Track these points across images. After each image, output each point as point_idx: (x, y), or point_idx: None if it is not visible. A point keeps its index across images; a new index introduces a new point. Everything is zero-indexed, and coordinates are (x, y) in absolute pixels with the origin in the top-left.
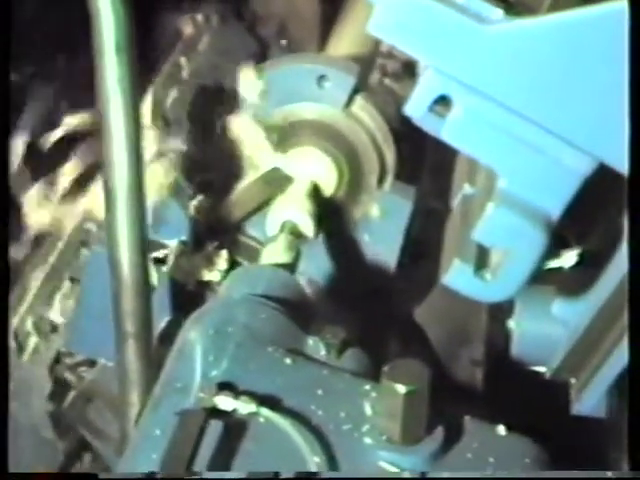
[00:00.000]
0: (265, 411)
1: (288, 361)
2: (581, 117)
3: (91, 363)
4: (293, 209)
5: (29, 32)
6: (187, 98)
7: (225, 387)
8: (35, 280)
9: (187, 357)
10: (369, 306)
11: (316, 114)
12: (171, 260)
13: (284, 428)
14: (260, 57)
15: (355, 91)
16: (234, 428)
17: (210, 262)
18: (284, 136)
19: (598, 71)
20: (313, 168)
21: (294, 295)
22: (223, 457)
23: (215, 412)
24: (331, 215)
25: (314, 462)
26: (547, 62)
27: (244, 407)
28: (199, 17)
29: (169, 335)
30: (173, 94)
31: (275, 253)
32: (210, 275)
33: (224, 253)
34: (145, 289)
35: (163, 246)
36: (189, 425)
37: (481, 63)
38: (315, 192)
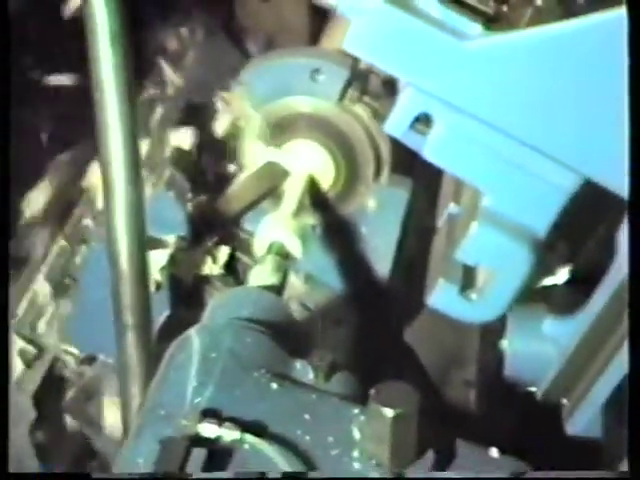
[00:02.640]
0: (250, 438)
1: (274, 386)
2: (564, 133)
3: (90, 360)
4: (280, 230)
5: None
6: (173, 115)
7: (209, 414)
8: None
9: (170, 383)
10: (360, 326)
11: (310, 107)
12: (170, 255)
13: (270, 455)
14: None
15: (349, 84)
16: (218, 456)
17: (209, 257)
18: (279, 130)
19: (579, 85)
20: (309, 161)
21: (281, 318)
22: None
23: (198, 440)
24: (328, 208)
25: None
26: (527, 77)
27: (228, 434)
28: (184, 31)
29: (168, 330)
30: (159, 111)
31: (262, 275)
32: (209, 270)
33: (224, 248)
34: (144, 281)
35: (161, 242)
36: (172, 453)
37: (461, 80)
38: (312, 185)
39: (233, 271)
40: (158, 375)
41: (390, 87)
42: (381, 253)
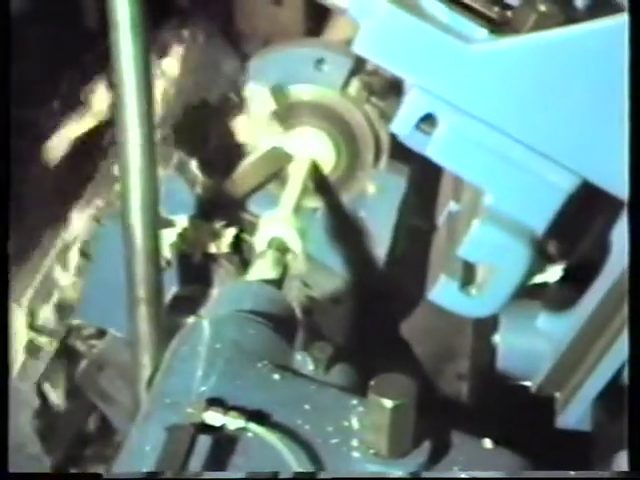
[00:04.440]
0: (253, 426)
1: (276, 376)
2: (565, 135)
3: (100, 334)
4: (280, 226)
5: None
6: (174, 112)
7: (214, 402)
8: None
9: (176, 373)
10: (356, 311)
11: (314, 95)
12: (179, 234)
13: (272, 443)
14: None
15: (352, 74)
16: (223, 443)
17: (216, 236)
18: (284, 116)
19: (580, 89)
20: (312, 147)
21: (282, 311)
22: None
23: (204, 427)
24: (329, 192)
25: None
26: (530, 81)
27: (233, 422)
28: (185, 34)
29: (178, 304)
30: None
31: (263, 269)
32: (215, 249)
33: (230, 228)
34: (156, 257)
35: (171, 222)
36: (178, 440)
37: (466, 82)
38: (314, 170)
39: (238, 250)
40: (164, 365)
41: (396, 88)
42: (379, 236)
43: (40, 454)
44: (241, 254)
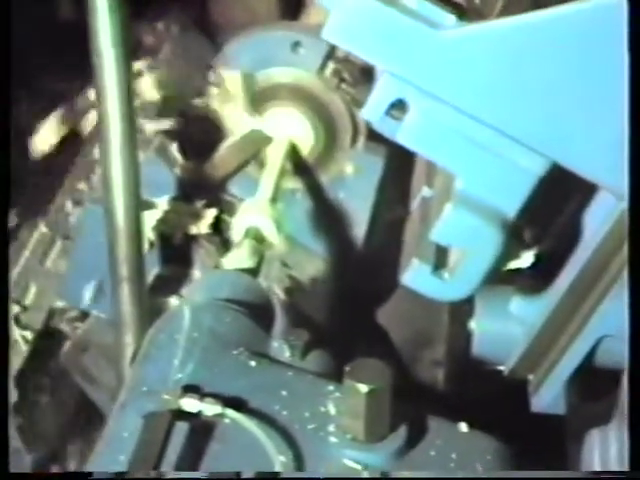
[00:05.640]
0: (230, 412)
1: (253, 363)
2: (534, 118)
3: (83, 316)
4: (257, 215)
5: None
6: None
7: (191, 390)
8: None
9: (153, 361)
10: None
11: (291, 78)
12: (160, 216)
13: (250, 429)
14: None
15: (328, 57)
16: (200, 430)
17: (196, 217)
18: (261, 99)
19: (549, 73)
20: (290, 128)
21: (258, 299)
22: (190, 459)
23: (181, 414)
24: (308, 173)
25: (280, 462)
26: (499, 66)
27: (209, 409)
28: (159, 26)
29: (159, 285)
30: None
31: (239, 258)
32: (196, 230)
33: (210, 210)
34: (138, 236)
35: (152, 204)
36: (155, 427)
37: (435, 67)
38: (293, 151)
39: (219, 231)
40: (141, 352)
41: (367, 74)
42: (357, 216)
43: (21, 449)
44: (221, 235)
